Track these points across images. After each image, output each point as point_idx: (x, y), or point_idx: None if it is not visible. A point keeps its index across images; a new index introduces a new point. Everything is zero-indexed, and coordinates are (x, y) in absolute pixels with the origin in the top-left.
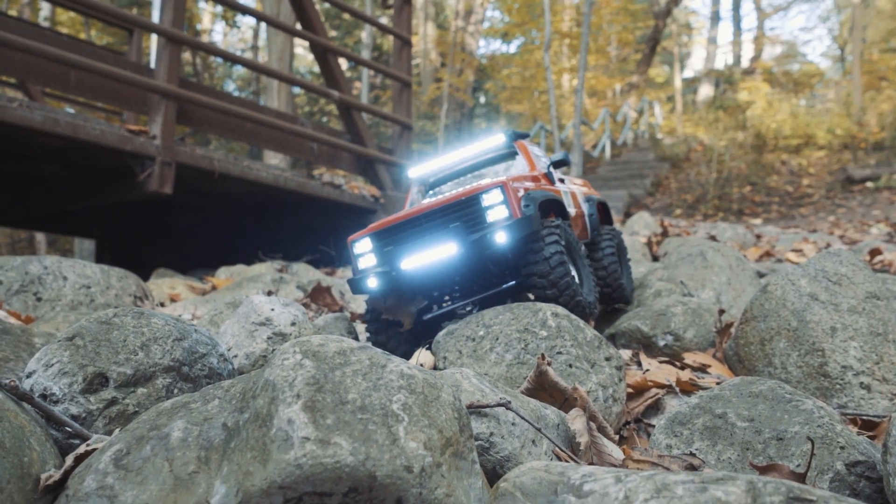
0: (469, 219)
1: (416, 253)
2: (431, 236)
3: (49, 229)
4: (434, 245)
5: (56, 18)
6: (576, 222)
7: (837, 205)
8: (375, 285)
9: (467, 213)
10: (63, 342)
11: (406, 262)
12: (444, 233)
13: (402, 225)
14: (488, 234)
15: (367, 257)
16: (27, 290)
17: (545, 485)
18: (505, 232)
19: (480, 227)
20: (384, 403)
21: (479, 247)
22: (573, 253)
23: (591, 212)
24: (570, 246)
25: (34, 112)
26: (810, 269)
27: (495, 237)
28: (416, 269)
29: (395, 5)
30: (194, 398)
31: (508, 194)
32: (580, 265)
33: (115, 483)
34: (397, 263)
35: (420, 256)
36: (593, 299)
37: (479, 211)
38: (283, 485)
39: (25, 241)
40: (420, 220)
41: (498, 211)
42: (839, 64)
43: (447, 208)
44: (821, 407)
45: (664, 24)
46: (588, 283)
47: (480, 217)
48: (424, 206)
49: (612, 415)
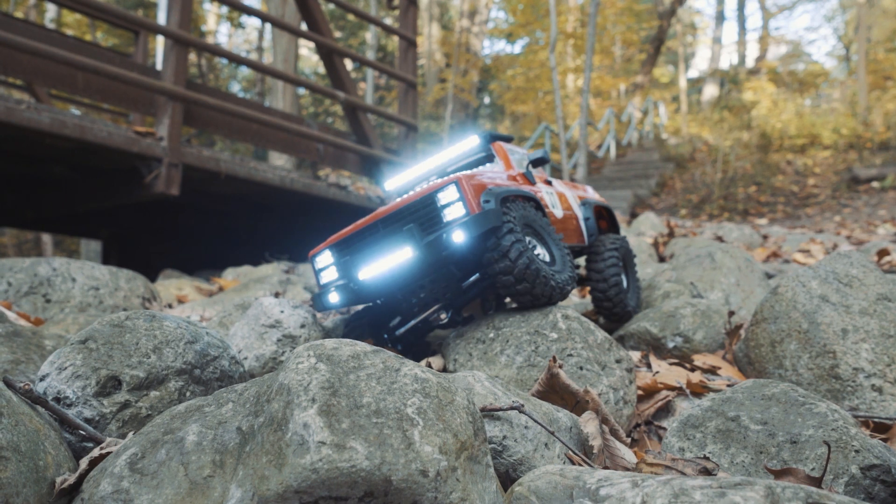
0: (426, 220)
1: (372, 262)
2: (388, 242)
3: (55, 230)
4: (389, 251)
5: (62, 20)
6: (564, 224)
7: (843, 205)
8: (337, 300)
9: (424, 214)
10: (76, 345)
11: (363, 272)
12: (399, 237)
13: (360, 233)
14: (444, 233)
15: (329, 271)
16: (36, 292)
17: (560, 489)
18: (462, 230)
19: (437, 228)
20: (399, 407)
21: (434, 248)
22: (537, 231)
23: (586, 215)
24: (531, 224)
25: (42, 114)
26: (821, 270)
27: (452, 236)
28: (374, 278)
29: (401, 6)
30: (208, 401)
31: (464, 190)
32: (548, 241)
33: (131, 487)
34: (355, 274)
35: (376, 265)
36: (567, 276)
37: (436, 211)
38: (299, 489)
39: (32, 241)
40: (377, 227)
41: (455, 209)
42: (844, 63)
43: (403, 211)
44: (834, 410)
45: (669, 24)
46: (560, 257)
47: (437, 217)
48: (381, 212)
49: (623, 417)
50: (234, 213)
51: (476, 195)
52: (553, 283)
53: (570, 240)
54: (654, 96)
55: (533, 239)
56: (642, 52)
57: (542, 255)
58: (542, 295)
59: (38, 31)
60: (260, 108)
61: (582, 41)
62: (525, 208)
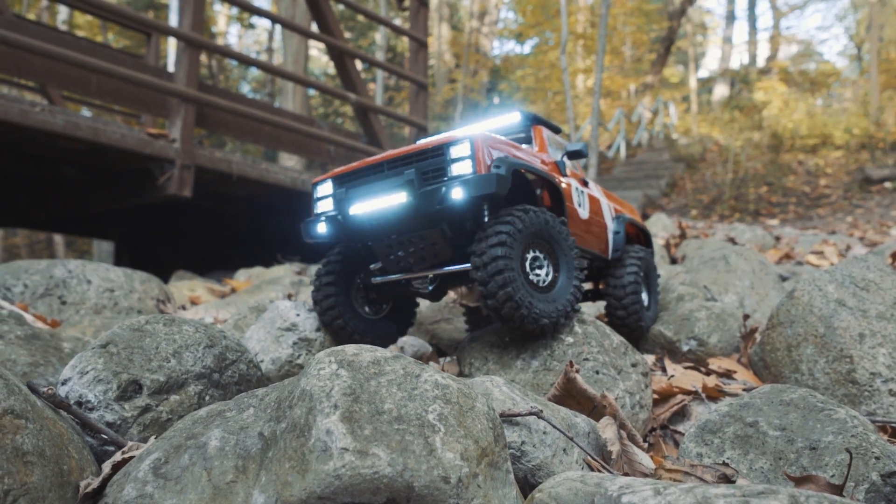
0: (431, 170)
1: (366, 199)
2: (388, 184)
3: (68, 231)
4: (386, 193)
5: (73, 22)
6: (587, 227)
7: (855, 205)
8: (324, 231)
9: (430, 163)
10: (97, 349)
11: (355, 208)
12: (399, 181)
13: (364, 170)
14: (443, 187)
15: (326, 202)
16: (52, 294)
17: (581, 496)
18: (462, 187)
19: (439, 181)
20: (420, 414)
21: (429, 200)
22: (550, 244)
23: (617, 229)
24: (544, 236)
25: (55, 116)
26: (837, 274)
27: (451, 192)
28: (364, 215)
29: (411, 8)
30: (229, 406)
31: (478, 150)
32: (560, 259)
33: (155, 492)
34: (347, 208)
35: (369, 203)
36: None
37: (443, 163)
38: (322, 495)
39: (44, 242)
40: (382, 167)
41: (462, 166)
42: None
43: (411, 156)
44: (854, 416)
45: (679, 24)
46: (563, 284)
47: (442, 170)
48: (390, 154)
49: (639, 421)
50: (246, 213)
51: (488, 157)
52: (525, 313)
53: (592, 246)
54: (664, 96)
55: (540, 254)
56: (652, 52)
57: (541, 277)
58: (511, 319)
59: (51, 33)
60: (271, 109)
61: (592, 41)
62: (540, 216)
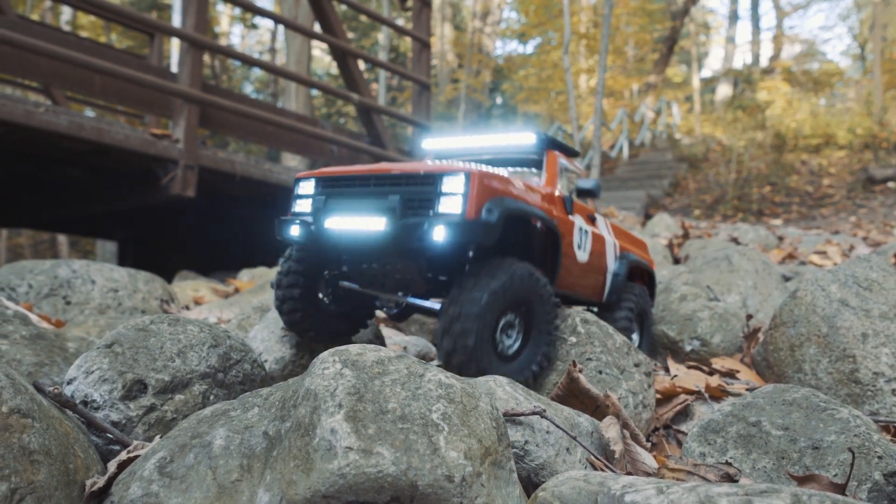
0: (417, 198)
1: (344, 215)
2: (370, 202)
3: (72, 232)
4: (365, 213)
5: (76, 22)
6: (581, 272)
7: (859, 205)
8: (297, 235)
9: (418, 191)
10: (102, 349)
11: (331, 221)
12: (381, 204)
13: (350, 179)
14: (426, 223)
15: (305, 202)
16: (56, 294)
17: (584, 495)
18: (445, 229)
19: (423, 213)
20: (424, 413)
21: (407, 235)
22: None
23: (617, 271)
24: (525, 303)
25: (60, 116)
26: (840, 274)
27: (432, 231)
28: (338, 232)
29: (414, 7)
30: (233, 406)
31: (472, 187)
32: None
33: (160, 491)
34: (323, 219)
35: (346, 221)
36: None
37: (433, 193)
38: (327, 494)
39: (47, 242)
40: (369, 181)
41: (452, 203)
42: (859, 63)
43: (400, 177)
44: (857, 416)
45: (682, 24)
46: (527, 357)
47: (430, 201)
48: (381, 168)
49: (642, 421)
50: (249, 214)
51: (482, 198)
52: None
53: (584, 292)
54: (667, 96)
55: (514, 318)
56: (655, 52)
57: (508, 345)
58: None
59: (55, 33)
60: (274, 109)
61: (595, 41)
62: (527, 278)
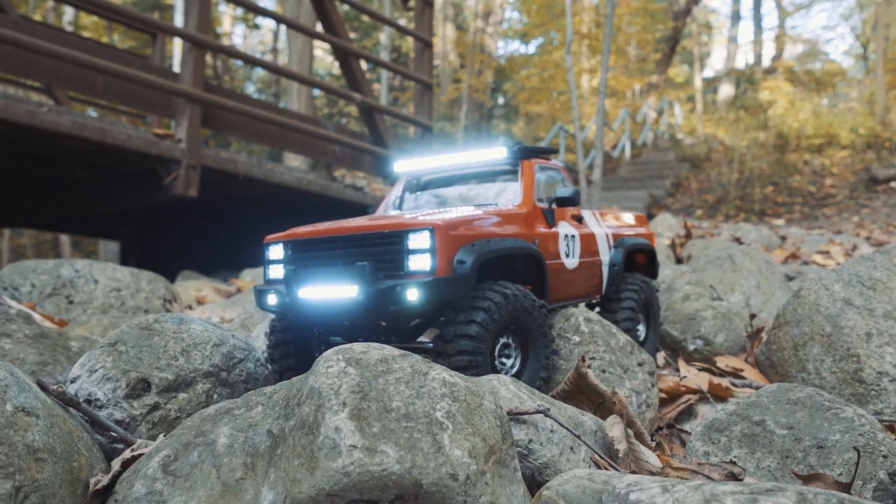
0: (387, 259)
1: (316, 283)
2: (339, 267)
3: (74, 232)
4: (336, 280)
5: (79, 23)
6: (573, 277)
7: (861, 205)
8: (274, 304)
9: (386, 251)
10: (105, 348)
11: (304, 291)
12: (351, 270)
13: (317, 242)
14: (398, 287)
15: (277, 268)
16: (59, 293)
17: (589, 493)
18: (418, 290)
19: (395, 274)
20: (428, 411)
21: (382, 300)
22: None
23: (615, 261)
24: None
25: (62, 116)
26: (844, 273)
27: (406, 293)
28: (312, 303)
29: (416, 7)
30: (237, 404)
31: (439, 242)
32: (530, 349)
33: (164, 489)
34: (295, 288)
35: (318, 290)
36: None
37: (401, 253)
38: (331, 492)
39: (50, 242)
40: (336, 243)
41: (421, 260)
42: (862, 62)
43: (366, 238)
44: (861, 415)
45: (684, 24)
46: (530, 374)
47: (399, 261)
48: (345, 227)
49: (646, 420)
50: (251, 213)
51: (451, 250)
52: None
53: (580, 293)
54: (669, 96)
55: (512, 343)
56: (657, 52)
57: (507, 367)
58: None
59: (57, 34)
60: (277, 109)
61: (597, 41)
62: (520, 299)
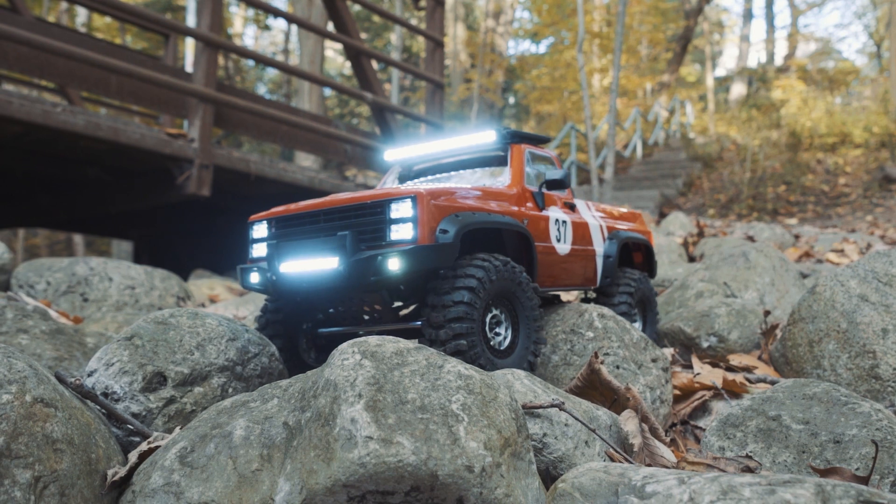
0: (368, 229)
1: (297, 257)
2: (320, 240)
3: (88, 231)
4: (318, 252)
5: (92, 25)
6: (565, 265)
7: (875, 204)
8: (257, 282)
9: (367, 221)
10: (122, 342)
11: (286, 265)
12: (332, 241)
13: (299, 217)
14: (379, 256)
15: (261, 246)
16: (74, 291)
17: (605, 486)
18: (399, 259)
19: (376, 244)
20: (443, 403)
21: (363, 270)
22: (513, 305)
23: (609, 252)
24: (507, 296)
25: (77, 116)
26: (860, 269)
27: (387, 262)
28: (293, 276)
29: (427, 7)
30: (253, 397)
31: (421, 210)
32: (521, 323)
33: (182, 480)
34: (277, 264)
35: (300, 263)
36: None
37: (383, 223)
38: (347, 483)
39: (64, 242)
40: (318, 217)
41: (403, 230)
42: (875, 61)
43: (348, 209)
44: (878, 409)
45: (696, 23)
46: (520, 350)
47: (381, 231)
48: (327, 201)
49: (660, 417)
50: None
51: (434, 220)
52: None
53: (573, 281)
54: (680, 95)
55: (501, 314)
56: (669, 51)
57: (500, 339)
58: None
59: (71, 35)
60: (289, 109)
61: (608, 40)
62: (508, 268)
